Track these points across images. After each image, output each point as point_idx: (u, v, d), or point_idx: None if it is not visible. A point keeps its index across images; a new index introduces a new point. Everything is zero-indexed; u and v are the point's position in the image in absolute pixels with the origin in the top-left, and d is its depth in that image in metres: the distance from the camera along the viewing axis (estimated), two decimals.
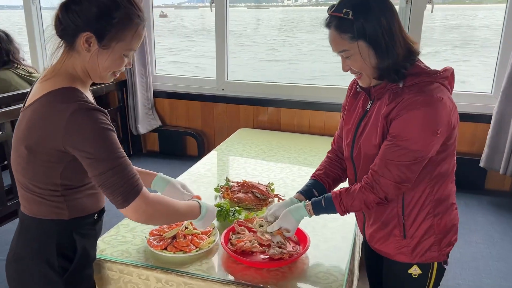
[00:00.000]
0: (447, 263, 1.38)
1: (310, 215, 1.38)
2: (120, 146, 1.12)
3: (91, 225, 1.27)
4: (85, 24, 1.09)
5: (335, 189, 1.38)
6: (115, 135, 1.11)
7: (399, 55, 1.23)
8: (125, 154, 1.13)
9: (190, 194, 1.50)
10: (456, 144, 1.32)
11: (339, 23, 1.22)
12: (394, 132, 1.23)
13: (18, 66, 2.92)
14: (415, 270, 1.36)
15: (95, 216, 1.27)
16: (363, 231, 1.49)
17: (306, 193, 1.48)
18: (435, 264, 1.36)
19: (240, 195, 1.73)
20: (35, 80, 3.06)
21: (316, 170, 1.56)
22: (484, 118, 2.63)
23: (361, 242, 1.78)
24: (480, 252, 2.00)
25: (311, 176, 1.55)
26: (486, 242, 2.08)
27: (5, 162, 2.47)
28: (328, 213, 1.37)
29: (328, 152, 1.60)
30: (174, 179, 1.53)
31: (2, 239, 1.31)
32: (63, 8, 1.11)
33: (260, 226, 1.43)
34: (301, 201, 1.43)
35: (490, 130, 2.53)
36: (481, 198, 2.53)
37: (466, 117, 2.67)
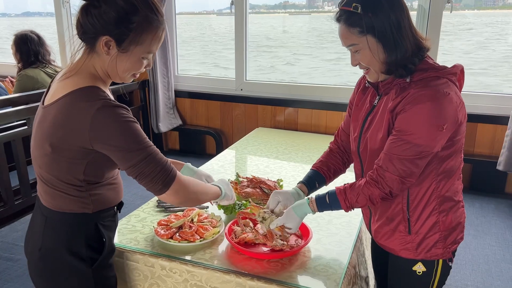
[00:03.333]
0: (452, 261, 1.37)
1: (314, 212, 1.39)
2: (145, 136, 1.16)
3: (112, 216, 1.32)
4: (104, 28, 1.11)
5: (339, 186, 1.38)
6: (139, 126, 1.15)
7: (408, 50, 1.23)
8: (152, 143, 1.17)
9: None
10: (464, 141, 1.31)
11: (348, 17, 1.24)
12: (399, 127, 1.23)
13: (46, 65, 3.09)
14: (419, 267, 1.36)
15: (115, 208, 1.32)
16: (369, 227, 1.49)
17: (308, 183, 1.50)
18: (440, 261, 1.35)
19: (248, 189, 1.76)
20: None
21: (317, 161, 1.58)
22: (504, 120, 2.58)
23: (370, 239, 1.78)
24: (494, 254, 1.96)
25: (312, 167, 1.56)
26: (500, 245, 2.04)
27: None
28: (332, 209, 1.37)
29: (330, 143, 1.62)
30: (200, 170, 1.58)
31: (27, 227, 1.40)
32: (83, 11, 1.12)
33: (264, 219, 1.46)
34: (303, 192, 1.46)
35: (508, 132, 2.48)
36: (500, 202, 2.48)
37: (485, 119, 2.63)
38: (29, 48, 3.04)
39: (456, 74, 1.27)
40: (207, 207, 1.69)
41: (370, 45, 1.23)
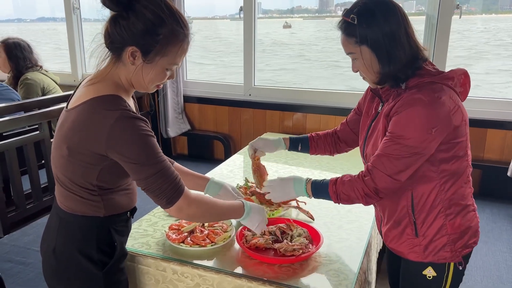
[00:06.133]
0: (462, 265, 1.37)
1: (309, 196, 1.43)
2: (160, 150, 1.18)
3: (125, 222, 1.33)
4: (131, 39, 1.14)
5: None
6: (155, 140, 1.17)
7: (402, 62, 1.26)
8: (165, 158, 1.19)
9: (242, 198, 1.58)
10: (467, 145, 1.32)
11: (347, 27, 1.29)
12: (390, 129, 1.27)
13: (41, 68, 3.22)
14: (429, 272, 1.36)
15: (128, 214, 1.33)
16: (380, 231, 1.50)
17: (293, 141, 1.72)
18: (451, 265, 1.35)
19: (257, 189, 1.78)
20: (53, 79, 3.17)
21: (316, 133, 1.73)
22: None
23: (382, 244, 1.79)
24: (505, 261, 1.95)
25: (308, 134, 1.73)
26: (511, 251, 2.02)
27: (43, 161, 2.62)
28: (323, 196, 1.41)
29: (336, 129, 1.72)
30: (226, 183, 1.58)
31: (39, 231, 1.41)
32: (111, 21, 1.16)
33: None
34: (285, 144, 1.72)
35: None
36: (510, 208, 2.46)
37: (495, 124, 2.62)
38: (24, 55, 3.14)
39: (452, 79, 1.30)
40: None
41: (364, 56, 1.29)
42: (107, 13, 1.16)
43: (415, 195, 1.32)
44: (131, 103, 1.27)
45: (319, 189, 1.40)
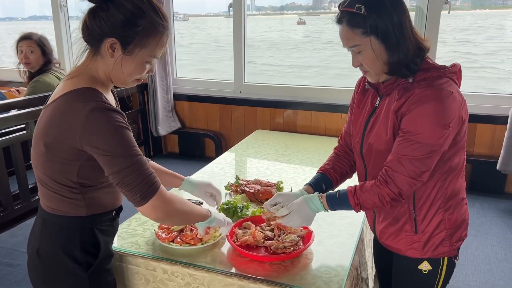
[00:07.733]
0: (457, 258, 1.38)
1: (326, 210, 1.36)
2: (136, 144, 1.14)
3: (110, 221, 1.31)
4: (111, 30, 1.12)
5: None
6: (131, 134, 1.14)
7: (409, 51, 1.24)
8: (141, 152, 1.15)
9: (214, 201, 1.59)
10: (466, 139, 1.32)
11: (351, 18, 1.24)
12: (405, 128, 1.23)
13: (59, 67, 3.04)
14: (425, 266, 1.36)
15: (113, 213, 1.31)
16: (373, 228, 1.49)
17: (315, 186, 1.49)
18: (446, 259, 1.35)
19: (257, 186, 1.78)
20: None
21: (324, 165, 1.57)
22: (503, 120, 2.58)
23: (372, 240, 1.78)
24: (495, 254, 1.96)
25: (318, 170, 1.56)
26: (501, 245, 2.04)
27: (30, 162, 2.58)
28: (342, 208, 1.35)
29: (335, 148, 1.62)
30: (200, 183, 1.57)
31: (27, 233, 1.38)
32: (90, 13, 1.14)
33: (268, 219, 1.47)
34: (309, 193, 1.46)
35: (506, 132, 2.48)
36: (500, 202, 2.48)
37: (485, 119, 2.64)
38: (52, 50, 2.99)
39: (455, 73, 1.28)
40: (201, 202, 1.65)
41: (373, 46, 1.24)
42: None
43: (417, 192, 1.30)
44: (110, 97, 1.25)
45: (336, 201, 1.34)
